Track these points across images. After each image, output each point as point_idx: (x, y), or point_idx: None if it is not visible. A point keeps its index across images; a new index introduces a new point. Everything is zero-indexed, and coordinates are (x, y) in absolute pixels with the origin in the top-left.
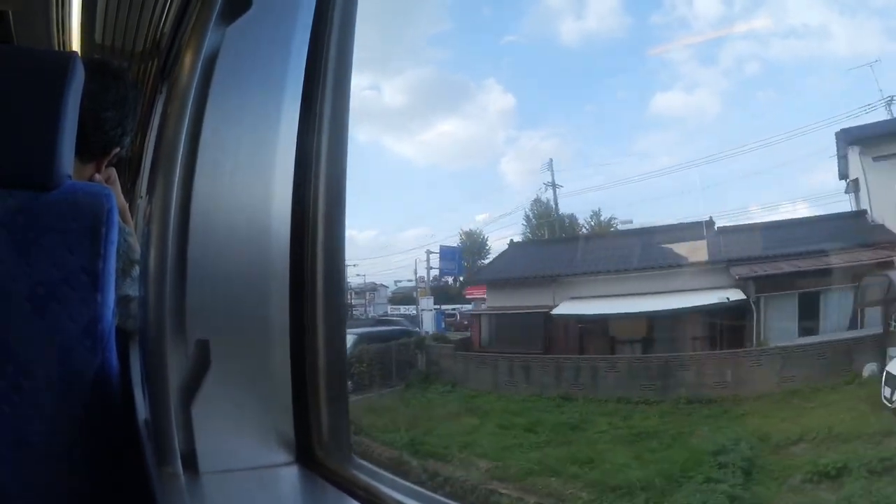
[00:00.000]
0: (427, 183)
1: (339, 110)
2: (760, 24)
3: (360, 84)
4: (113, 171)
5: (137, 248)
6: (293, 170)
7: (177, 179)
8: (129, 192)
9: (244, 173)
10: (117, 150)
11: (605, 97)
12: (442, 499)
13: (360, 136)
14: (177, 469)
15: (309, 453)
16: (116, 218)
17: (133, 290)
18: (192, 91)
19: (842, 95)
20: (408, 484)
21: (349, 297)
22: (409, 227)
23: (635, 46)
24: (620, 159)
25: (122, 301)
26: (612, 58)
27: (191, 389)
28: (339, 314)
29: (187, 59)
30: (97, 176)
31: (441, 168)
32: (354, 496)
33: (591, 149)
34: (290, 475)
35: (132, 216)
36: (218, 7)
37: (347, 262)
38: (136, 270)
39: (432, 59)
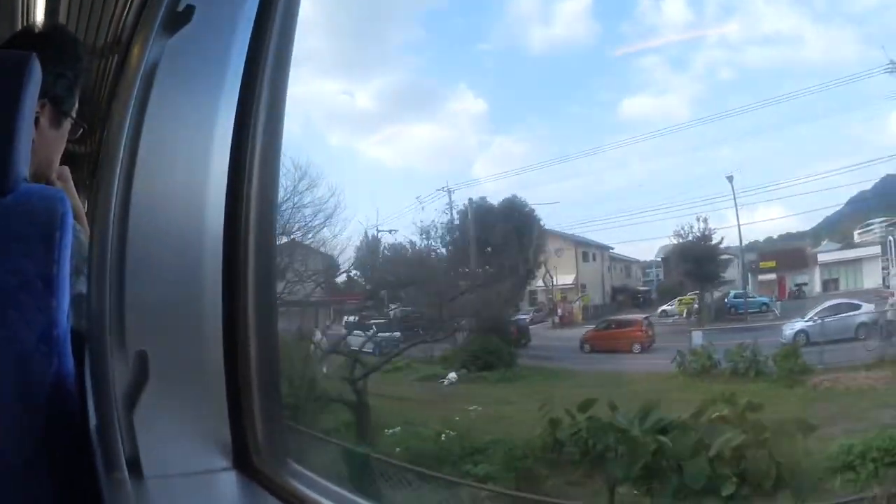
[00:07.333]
0: (401, 185)
1: (273, 116)
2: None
3: (334, 89)
4: (65, 169)
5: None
6: (227, 173)
7: (117, 181)
8: (89, 188)
9: (181, 177)
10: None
11: (577, 102)
12: None
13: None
14: (123, 474)
15: (246, 459)
16: (71, 222)
17: (86, 288)
18: (133, 96)
19: None
20: (341, 491)
21: None
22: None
23: (605, 52)
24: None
25: (76, 300)
26: (582, 64)
27: (133, 397)
28: (271, 318)
29: (131, 64)
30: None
31: (416, 170)
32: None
33: (560, 152)
34: (228, 481)
35: None
36: (160, 16)
37: None
38: None
39: (406, 65)
